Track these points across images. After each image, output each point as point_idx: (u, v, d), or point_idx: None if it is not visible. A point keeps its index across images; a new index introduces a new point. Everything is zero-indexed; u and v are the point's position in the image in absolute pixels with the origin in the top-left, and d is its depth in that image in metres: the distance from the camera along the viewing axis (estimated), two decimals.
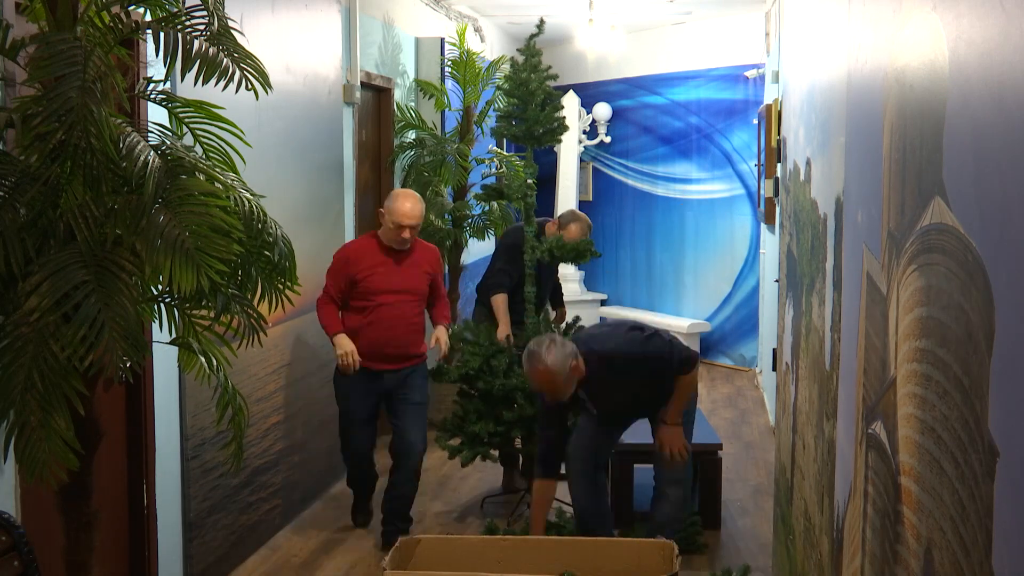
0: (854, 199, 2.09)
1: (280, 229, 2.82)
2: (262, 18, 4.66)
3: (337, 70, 5.65)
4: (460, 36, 7.15)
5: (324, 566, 4.60)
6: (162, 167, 2.49)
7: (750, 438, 6.72)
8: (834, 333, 2.35)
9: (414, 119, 6.83)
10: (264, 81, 2.72)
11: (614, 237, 10.16)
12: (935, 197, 1.36)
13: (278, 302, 2.84)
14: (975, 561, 1.14)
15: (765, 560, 4.53)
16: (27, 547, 2.63)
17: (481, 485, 5.68)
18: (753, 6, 8.15)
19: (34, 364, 2.34)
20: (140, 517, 3.81)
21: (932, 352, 1.36)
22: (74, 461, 2.42)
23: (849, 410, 2.09)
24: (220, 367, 2.82)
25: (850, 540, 2.04)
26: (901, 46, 1.60)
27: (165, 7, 2.78)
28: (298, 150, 5.11)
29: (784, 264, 3.95)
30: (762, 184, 7.06)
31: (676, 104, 9.54)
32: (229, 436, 2.91)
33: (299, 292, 2.96)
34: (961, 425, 1.22)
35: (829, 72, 2.59)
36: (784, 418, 3.77)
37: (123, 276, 2.44)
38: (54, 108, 2.36)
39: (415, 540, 3.70)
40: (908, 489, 1.49)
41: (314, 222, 5.34)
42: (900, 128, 1.60)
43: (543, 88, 5.04)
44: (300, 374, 5.16)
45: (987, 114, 1.13)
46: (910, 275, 1.49)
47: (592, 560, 3.63)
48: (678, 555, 3.55)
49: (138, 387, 3.72)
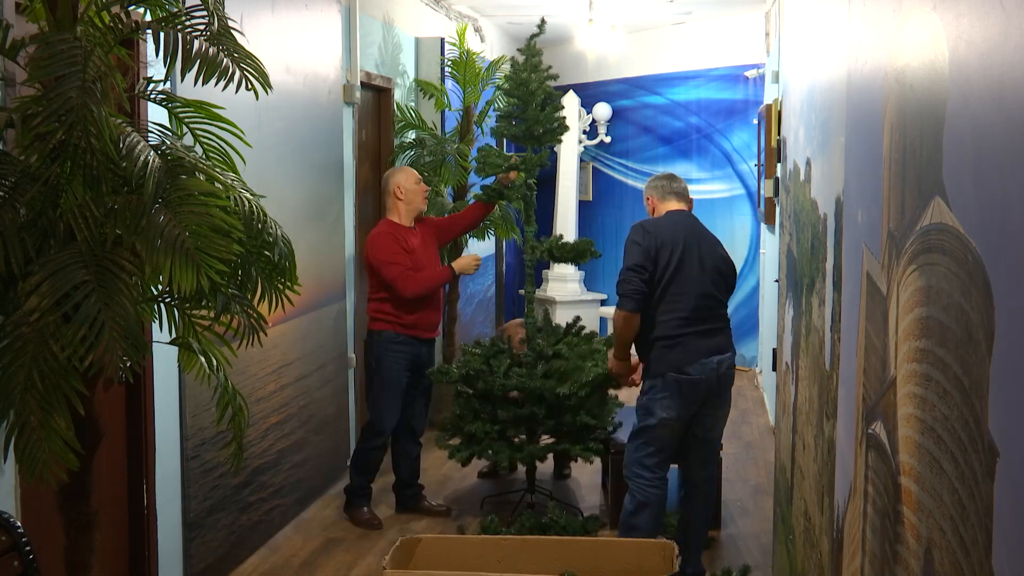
0: (854, 199, 2.09)
1: (280, 229, 2.82)
2: (262, 18, 4.66)
3: (337, 70, 5.64)
4: (460, 36, 7.15)
5: (324, 566, 4.60)
6: (162, 167, 2.49)
7: (750, 438, 6.72)
8: (834, 333, 2.35)
9: (414, 119, 6.83)
10: (264, 81, 2.72)
11: (614, 237, 10.15)
12: (935, 197, 1.36)
13: (278, 302, 2.84)
14: (975, 561, 1.14)
15: (765, 560, 4.53)
16: (27, 547, 2.63)
17: (481, 485, 5.68)
18: (753, 6, 8.15)
19: (34, 364, 2.34)
20: (140, 517, 3.81)
21: (932, 352, 1.36)
22: (74, 461, 2.42)
23: (849, 410, 2.09)
24: (220, 367, 2.82)
25: (850, 540, 2.04)
26: (901, 46, 1.60)
27: (165, 7, 2.78)
28: (298, 150, 5.11)
29: (784, 264, 3.95)
30: (762, 184, 7.06)
31: (676, 104, 9.54)
32: (229, 436, 2.91)
33: (299, 292, 2.96)
34: (961, 425, 1.22)
35: (829, 72, 2.59)
36: (784, 418, 3.77)
37: (123, 276, 2.44)
38: (54, 108, 2.36)
39: (415, 540, 3.70)
40: (908, 489, 1.49)
41: (314, 222, 5.34)
42: (900, 128, 1.60)
43: (543, 88, 5.04)
44: (300, 374, 5.16)
45: (987, 114, 1.13)
46: (910, 275, 1.49)
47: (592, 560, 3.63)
48: (678, 555, 3.55)
49: (138, 387, 3.72)
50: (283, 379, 4.97)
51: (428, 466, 6.07)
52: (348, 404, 5.86)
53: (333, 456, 5.62)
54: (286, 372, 5.00)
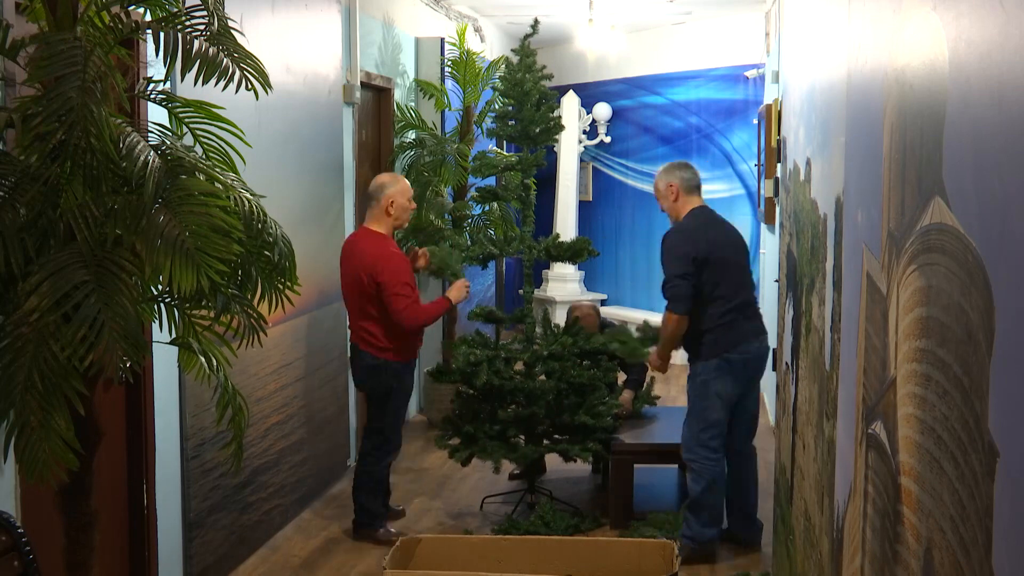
0: (854, 199, 2.09)
1: (280, 229, 2.82)
2: (262, 18, 4.66)
3: (337, 70, 5.64)
4: (460, 36, 7.15)
5: (324, 566, 4.60)
6: (162, 167, 2.49)
7: None
8: (834, 333, 2.35)
9: (414, 119, 6.83)
10: (264, 81, 2.72)
11: (614, 237, 10.16)
12: (935, 197, 1.36)
13: (278, 302, 2.84)
14: (975, 561, 1.14)
15: (765, 560, 4.53)
16: (27, 547, 2.63)
17: (481, 485, 5.68)
18: (753, 6, 8.15)
19: (34, 364, 2.34)
20: (140, 517, 3.81)
21: (932, 352, 1.36)
22: (74, 461, 2.42)
23: (849, 410, 2.09)
24: (220, 367, 2.82)
25: (850, 540, 2.04)
26: (901, 46, 1.60)
27: (165, 7, 2.78)
28: (298, 150, 5.11)
29: (784, 264, 3.95)
30: (762, 184, 7.06)
31: (676, 104, 9.54)
32: (229, 436, 2.91)
33: (299, 292, 2.96)
34: (961, 425, 1.22)
35: (829, 72, 2.59)
36: (784, 418, 3.77)
37: (123, 276, 2.44)
38: (54, 108, 2.36)
39: (415, 540, 3.70)
40: (908, 489, 1.49)
41: (314, 222, 5.34)
42: (900, 128, 1.60)
43: (538, 88, 5.06)
44: (300, 374, 5.16)
45: (987, 114, 1.13)
46: (910, 275, 1.49)
47: (593, 560, 3.63)
48: (677, 555, 3.55)
49: (138, 387, 3.72)
50: (283, 379, 4.97)
51: (428, 466, 6.08)
52: (348, 404, 5.86)
53: (333, 456, 5.62)
54: (286, 372, 5.00)
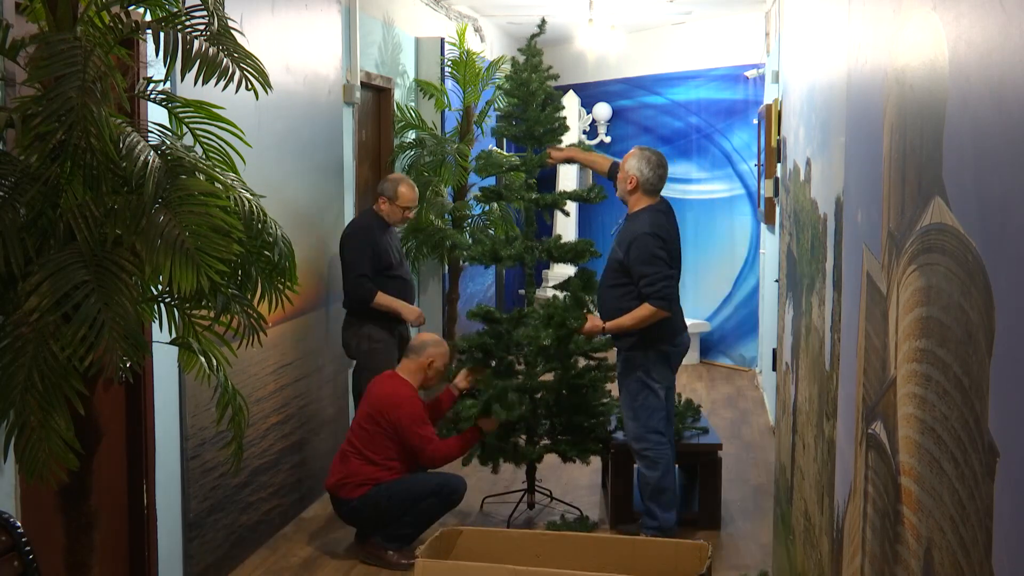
0: (854, 199, 2.09)
1: (280, 229, 2.82)
2: (262, 18, 4.66)
3: (337, 70, 5.65)
4: (460, 36, 7.15)
5: (324, 566, 4.60)
6: (162, 167, 2.49)
7: (750, 438, 6.72)
8: (834, 333, 2.35)
9: (414, 119, 6.83)
10: (264, 81, 2.72)
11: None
12: (935, 197, 1.36)
13: (278, 302, 2.84)
14: (975, 561, 1.14)
15: (765, 561, 4.53)
16: (27, 547, 2.63)
17: (481, 485, 5.68)
18: (753, 6, 8.15)
19: (34, 364, 2.34)
20: (140, 517, 3.81)
21: (932, 352, 1.36)
22: (74, 461, 2.42)
23: (849, 410, 2.09)
24: (220, 367, 2.82)
25: (850, 540, 2.04)
26: (901, 46, 1.60)
27: (165, 7, 2.78)
28: (298, 150, 5.11)
29: (784, 264, 3.95)
30: (762, 184, 7.06)
31: (676, 104, 9.54)
32: (229, 436, 2.91)
33: (299, 292, 2.97)
34: (961, 425, 1.22)
35: (829, 72, 2.59)
36: (784, 418, 3.77)
37: (123, 276, 2.44)
38: (54, 108, 2.36)
39: (456, 531, 3.72)
40: (908, 489, 1.49)
41: (314, 222, 5.34)
42: (900, 128, 1.60)
43: (544, 88, 5.05)
44: (300, 374, 5.16)
45: (987, 114, 1.13)
46: (910, 275, 1.49)
47: (629, 559, 3.64)
48: (709, 555, 3.57)
49: (138, 387, 3.72)
50: (283, 379, 4.97)
51: None
52: (348, 404, 5.86)
53: (333, 456, 5.61)
54: (286, 372, 5.00)
